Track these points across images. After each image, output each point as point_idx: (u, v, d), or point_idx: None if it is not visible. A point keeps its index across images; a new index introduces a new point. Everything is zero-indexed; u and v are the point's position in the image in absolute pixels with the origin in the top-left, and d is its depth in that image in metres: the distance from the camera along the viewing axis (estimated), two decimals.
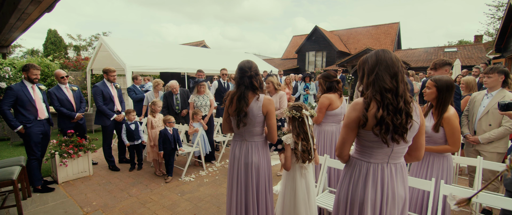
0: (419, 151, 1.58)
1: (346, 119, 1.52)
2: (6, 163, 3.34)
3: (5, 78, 4.20)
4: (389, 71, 1.39)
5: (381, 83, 1.39)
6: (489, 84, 2.96)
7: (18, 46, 22.17)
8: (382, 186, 1.50)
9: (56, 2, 3.24)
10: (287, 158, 2.17)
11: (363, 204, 1.51)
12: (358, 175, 1.55)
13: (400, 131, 1.38)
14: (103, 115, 4.42)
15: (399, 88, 1.38)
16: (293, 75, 9.99)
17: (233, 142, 2.39)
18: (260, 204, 2.32)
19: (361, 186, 1.53)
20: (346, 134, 1.52)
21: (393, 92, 1.38)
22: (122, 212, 3.16)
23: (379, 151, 1.49)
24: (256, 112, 2.17)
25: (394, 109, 1.36)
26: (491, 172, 2.96)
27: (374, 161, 1.52)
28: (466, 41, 31.41)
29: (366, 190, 1.51)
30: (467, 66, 12.78)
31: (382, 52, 1.45)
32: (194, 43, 21.65)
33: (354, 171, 1.58)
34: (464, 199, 1.40)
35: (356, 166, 1.57)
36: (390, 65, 1.40)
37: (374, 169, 1.52)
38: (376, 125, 1.38)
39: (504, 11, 10.18)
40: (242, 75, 2.20)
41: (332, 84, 3.03)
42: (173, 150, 4.13)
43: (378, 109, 1.37)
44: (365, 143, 1.51)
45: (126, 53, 7.57)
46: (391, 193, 1.51)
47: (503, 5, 17.76)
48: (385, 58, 1.41)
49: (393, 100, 1.37)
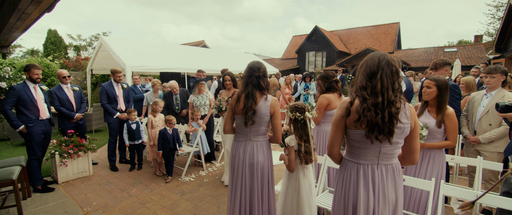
0: (414, 155, 1.57)
1: (334, 117, 1.57)
2: (6, 163, 3.34)
3: (5, 78, 4.20)
4: (368, 71, 1.46)
5: (359, 83, 1.49)
6: (492, 84, 2.95)
7: (18, 46, 22.20)
8: (374, 187, 1.51)
9: (56, 2, 3.24)
10: (291, 160, 2.17)
11: (356, 205, 1.52)
12: (349, 176, 1.58)
13: (385, 130, 1.40)
14: (107, 112, 4.58)
15: (377, 86, 1.42)
16: (293, 75, 9.98)
17: (236, 142, 2.37)
18: (264, 204, 2.34)
19: (353, 187, 1.55)
20: (334, 132, 1.58)
21: (370, 89, 1.43)
22: (122, 212, 3.16)
23: (367, 152, 1.51)
24: (264, 110, 2.21)
25: (373, 104, 1.40)
26: (491, 172, 2.95)
27: (363, 161, 1.54)
28: (466, 41, 31.43)
29: (359, 191, 1.52)
30: (467, 67, 12.79)
31: (372, 55, 1.51)
32: (194, 43, 21.64)
33: (346, 172, 1.61)
34: (468, 203, 1.41)
35: (347, 167, 1.60)
36: (371, 65, 1.46)
37: (364, 169, 1.53)
38: (357, 120, 1.43)
39: (504, 11, 10.18)
40: (250, 74, 2.24)
41: (331, 85, 3.03)
42: (173, 150, 4.13)
43: (361, 103, 1.43)
44: (353, 143, 1.55)
45: (126, 53, 7.56)
46: (382, 194, 1.51)
47: (503, 5, 17.77)
48: (369, 60, 1.48)
49: (371, 96, 1.42)
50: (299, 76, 10.31)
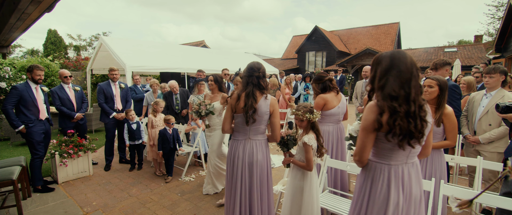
0: (428, 148, 1.61)
1: (363, 121, 1.46)
2: (6, 163, 3.34)
3: (5, 78, 4.20)
4: (401, 78, 1.36)
5: (389, 90, 1.37)
6: (491, 84, 2.96)
7: (18, 46, 22.20)
8: (403, 187, 1.49)
9: (56, 2, 3.24)
10: (310, 160, 2.21)
11: (387, 207, 1.48)
12: (380, 178, 1.51)
13: (416, 135, 1.37)
14: (103, 112, 4.58)
15: (411, 94, 1.36)
16: (293, 75, 9.98)
17: (235, 141, 2.40)
18: (264, 203, 2.37)
19: (383, 189, 1.49)
20: (365, 137, 1.46)
21: (403, 99, 1.36)
22: (122, 212, 3.16)
23: (398, 153, 1.48)
24: (264, 109, 2.28)
25: (405, 114, 1.35)
26: (491, 172, 2.95)
27: (394, 163, 1.49)
28: (466, 41, 31.43)
29: (390, 192, 1.48)
30: (467, 67, 12.79)
31: (398, 55, 1.41)
32: (194, 43, 21.63)
33: (375, 174, 1.53)
34: (466, 201, 1.41)
35: (377, 169, 1.53)
36: (403, 71, 1.36)
37: (396, 170, 1.49)
38: (388, 132, 1.38)
39: (504, 11, 10.18)
40: (251, 74, 2.30)
41: (325, 85, 3.04)
42: (173, 150, 4.13)
43: (390, 115, 1.36)
44: (384, 145, 1.48)
45: (126, 53, 7.56)
46: (409, 192, 1.50)
47: (503, 5, 17.77)
48: (400, 64, 1.38)
49: (403, 106, 1.35)
50: (299, 76, 10.31)
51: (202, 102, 3.40)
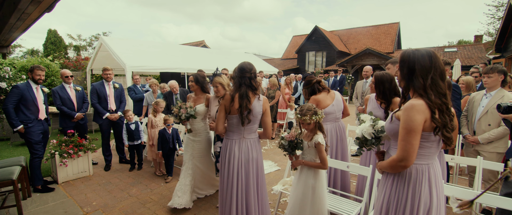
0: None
1: (408, 123, 1.38)
2: (6, 163, 3.35)
3: (5, 78, 4.21)
4: (442, 77, 1.45)
5: (439, 89, 1.43)
6: (489, 84, 2.96)
7: (18, 46, 22.19)
8: (437, 184, 1.52)
9: (56, 2, 3.24)
10: (325, 159, 2.23)
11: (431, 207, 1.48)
12: (423, 180, 1.48)
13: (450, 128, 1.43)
14: (96, 112, 4.58)
15: (444, 88, 1.44)
16: (293, 75, 9.98)
17: (229, 140, 2.43)
18: (260, 199, 2.42)
19: (426, 190, 1.48)
20: (414, 140, 1.38)
21: (445, 97, 1.44)
22: (122, 212, 3.16)
23: (436, 150, 1.51)
24: (258, 109, 2.37)
25: (447, 110, 1.42)
26: (490, 172, 2.95)
27: (431, 161, 1.52)
28: (466, 41, 31.43)
29: (431, 192, 1.49)
30: (467, 67, 12.79)
31: (435, 56, 1.46)
32: (194, 43, 21.65)
33: (418, 176, 1.49)
34: (467, 201, 1.40)
35: (419, 171, 1.49)
36: (443, 70, 1.45)
37: (434, 168, 1.53)
38: (436, 128, 1.41)
39: (504, 11, 10.19)
40: (243, 75, 2.33)
41: (313, 88, 3.07)
42: (173, 150, 4.13)
43: (441, 113, 1.41)
44: (425, 144, 1.46)
45: (126, 53, 7.57)
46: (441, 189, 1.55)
47: (503, 5, 17.78)
48: (439, 64, 1.45)
49: (446, 103, 1.43)
50: (299, 76, 10.31)
51: (183, 105, 3.10)
